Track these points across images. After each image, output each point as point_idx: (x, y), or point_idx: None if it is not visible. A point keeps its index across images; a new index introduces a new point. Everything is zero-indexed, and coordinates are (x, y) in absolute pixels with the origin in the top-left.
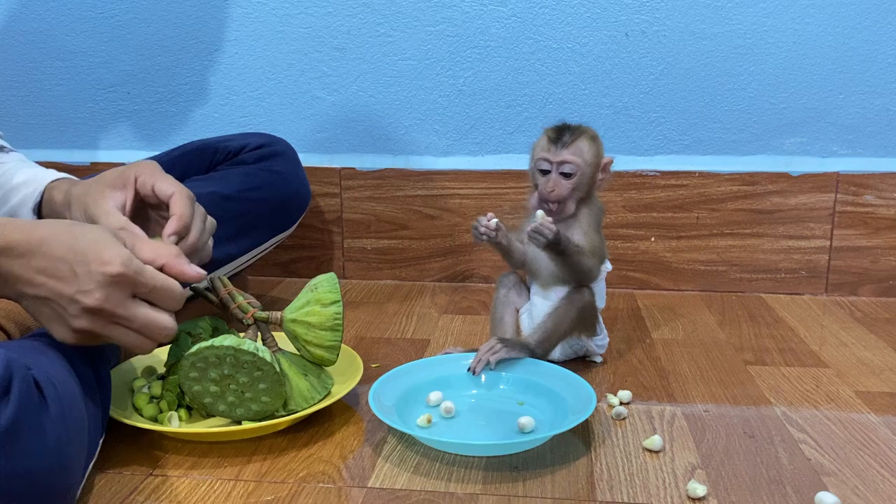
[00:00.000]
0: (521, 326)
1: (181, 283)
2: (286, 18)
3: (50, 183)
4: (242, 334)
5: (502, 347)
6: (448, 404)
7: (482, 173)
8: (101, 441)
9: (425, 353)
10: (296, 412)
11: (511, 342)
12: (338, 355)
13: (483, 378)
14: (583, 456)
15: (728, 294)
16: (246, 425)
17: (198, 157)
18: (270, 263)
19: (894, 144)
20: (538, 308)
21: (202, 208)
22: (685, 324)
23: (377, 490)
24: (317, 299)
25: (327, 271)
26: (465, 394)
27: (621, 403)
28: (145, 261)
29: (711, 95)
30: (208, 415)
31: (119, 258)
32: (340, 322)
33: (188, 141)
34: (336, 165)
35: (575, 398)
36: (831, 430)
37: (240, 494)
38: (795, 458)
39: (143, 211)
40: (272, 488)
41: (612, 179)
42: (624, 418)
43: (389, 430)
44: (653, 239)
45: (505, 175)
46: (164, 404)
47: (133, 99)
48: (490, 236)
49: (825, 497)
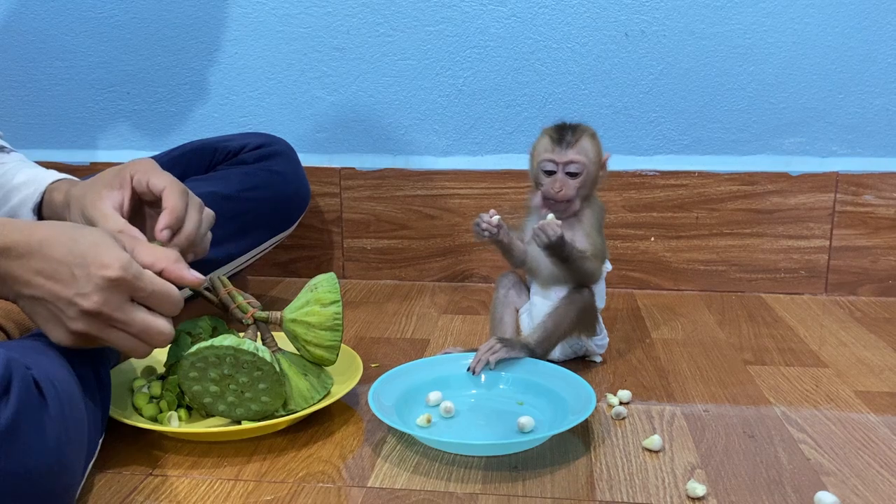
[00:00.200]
0: (521, 326)
1: (179, 287)
2: (286, 18)
3: (50, 184)
4: (242, 334)
5: (502, 347)
6: (448, 404)
7: (482, 173)
8: (101, 441)
9: (425, 353)
10: (295, 412)
11: (511, 342)
12: (337, 355)
13: (483, 378)
14: (582, 456)
15: (728, 294)
16: (245, 425)
17: (198, 157)
18: (270, 263)
19: (894, 144)
20: (538, 308)
21: (198, 199)
22: (685, 324)
23: (377, 490)
24: (316, 299)
25: (327, 271)
26: (465, 394)
27: (621, 403)
28: (144, 265)
29: (711, 95)
30: (208, 415)
31: (118, 262)
32: (340, 322)
33: (188, 141)
34: (336, 165)
35: (575, 398)
36: (831, 430)
37: (239, 494)
38: (795, 458)
39: (141, 209)
40: (272, 488)
41: (612, 179)
42: (623, 418)
43: (389, 430)
44: (652, 239)
45: (505, 175)
46: (164, 404)
47: (133, 99)
48: (492, 233)
49: (825, 497)
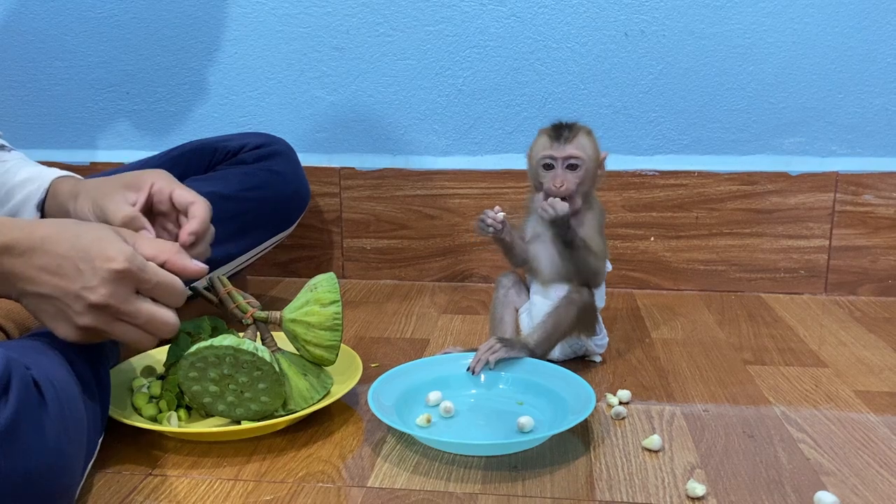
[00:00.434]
0: (521, 326)
1: (183, 280)
2: (285, 18)
3: (55, 179)
4: (242, 334)
5: (502, 347)
6: (447, 404)
7: (481, 173)
8: (101, 441)
9: (425, 353)
10: (295, 412)
11: (510, 342)
12: (337, 355)
13: (482, 378)
14: (582, 455)
15: (727, 294)
16: (245, 425)
17: (197, 157)
18: (270, 263)
19: (894, 144)
20: (538, 308)
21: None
22: (684, 323)
23: (376, 490)
24: (316, 299)
25: (327, 271)
26: (465, 393)
27: (620, 403)
28: (147, 257)
29: (711, 95)
30: (207, 414)
31: (122, 254)
32: (340, 322)
33: (187, 141)
34: (335, 165)
35: (574, 398)
36: (830, 430)
37: (239, 494)
38: (794, 458)
39: (150, 218)
40: (271, 488)
41: (612, 179)
42: (623, 418)
43: (389, 430)
44: (652, 238)
45: (504, 175)
46: (164, 404)
47: (132, 99)
48: (496, 229)
49: (824, 496)
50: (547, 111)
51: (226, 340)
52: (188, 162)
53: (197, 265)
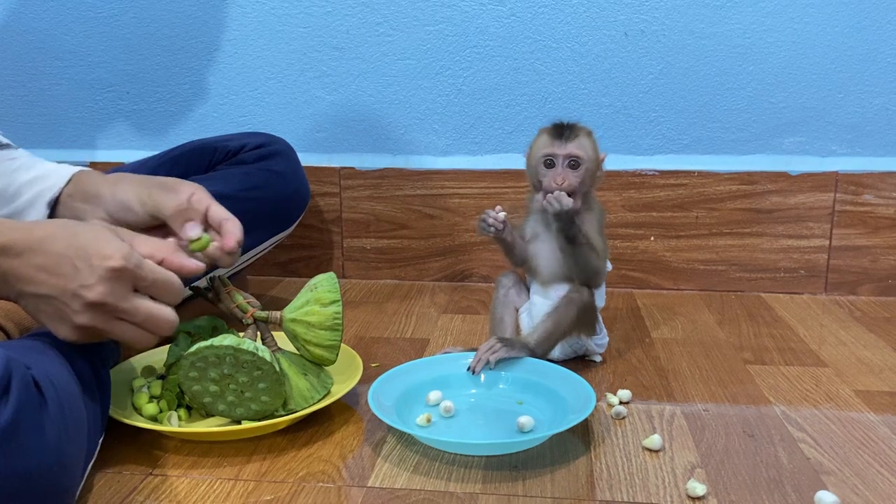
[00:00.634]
0: (521, 326)
1: (181, 278)
2: (285, 18)
3: (77, 172)
4: (242, 334)
5: (502, 347)
6: (447, 404)
7: (481, 173)
8: (101, 440)
9: (425, 353)
10: (295, 412)
11: (510, 341)
12: (337, 355)
13: (482, 377)
14: (582, 455)
15: (727, 293)
16: (245, 425)
17: (197, 157)
18: (270, 263)
19: (893, 143)
20: (538, 307)
21: None
22: (684, 323)
23: (377, 489)
24: (316, 299)
25: (327, 271)
26: (465, 393)
27: (621, 403)
28: (144, 255)
29: (710, 95)
30: (208, 414)
31: (119, 252)
32: (340, 321)
33: (187, 140)
34: (335, 165)
35: (574, 397)
36: (830, 430)
37: (239, 494)
38: (795, 458)
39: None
40: (272, 488)
41: (612, 179)
42: (623, 417)
43: (389, 430)
44: (652, 238)
45: (504, 174)
46: (164, 404)
47: (132, 98)
48: (498, 228)
49: (824, 496)
50: (547, 111)
51: (226, 340)
52: (188, 162)
53: (194, 263)
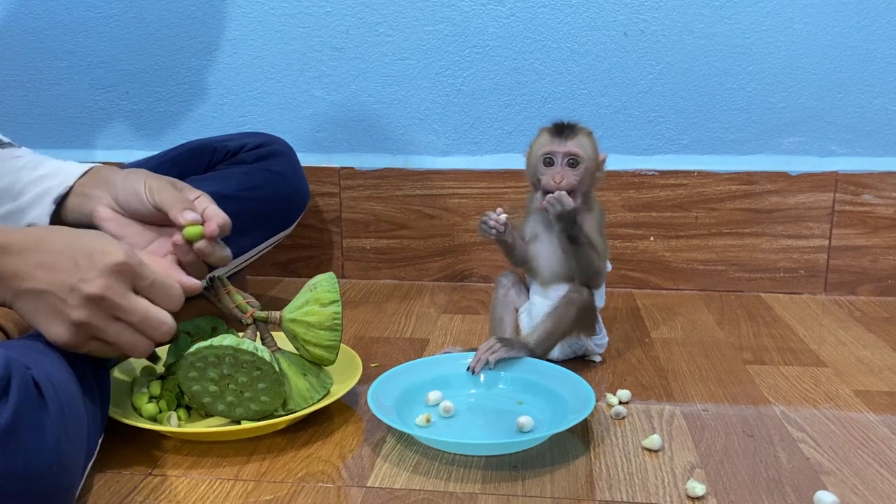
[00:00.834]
0: (521, 326)
1: None
2: (285, 18)
3: (93, 168)
4: (241, 334)
5: (501, 347)
6: (447, 404)
7: (481, 173)
8: (101, 441)
9: (424, 353)
10: (295, 412)
11: (510, 342)
12: (337, 355)
13: (482, 377)
14: (582, 455)
15: (727, 293)
16: (245, 425)
17: (197, 157)
18: (269, 263)
19: (893, 144)
20: (537, 307)
21: None
22: (684, 323)
23: (376, 489)
24: (316, 299)
25: (326, 271)
26: (464, 393)
27: (620, 403)
28: None
29: (710, 95)
30: (207, 414)
31: (121, 249)
32: (339, 322)
33: (187, 140)
34: (335, 165)
35: (574, 397)
36: (830, 430)
37: (239, 494)
38: (794, 458)
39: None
40: (271, 488)
41: (612, 179)
42: (623, 418)
43: (388, 430)
44: (652, 238)
45: (504, 174)
46: (164, 404)
47: (131, 99)
48: (499, 230)
49: (824, 496)
50: (547, 111)
51: (226, 340)
52: (188, 162)
53: (191, 281)
